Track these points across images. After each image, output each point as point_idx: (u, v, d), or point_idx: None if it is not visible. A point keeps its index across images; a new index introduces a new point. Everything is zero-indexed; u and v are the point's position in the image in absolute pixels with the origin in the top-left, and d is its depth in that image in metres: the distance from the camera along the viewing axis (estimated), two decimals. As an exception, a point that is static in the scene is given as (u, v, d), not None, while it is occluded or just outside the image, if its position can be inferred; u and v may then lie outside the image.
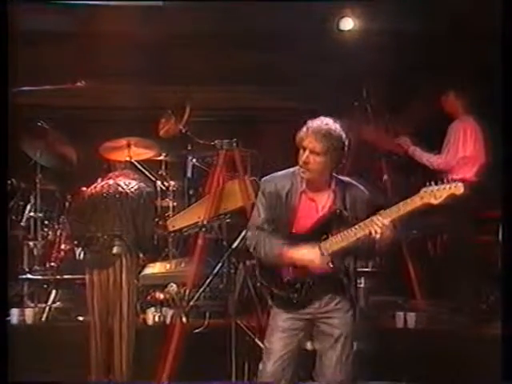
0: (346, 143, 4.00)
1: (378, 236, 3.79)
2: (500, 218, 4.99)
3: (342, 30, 6.90)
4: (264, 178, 4.18)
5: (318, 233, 3.96)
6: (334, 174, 4.06)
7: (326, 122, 3.98)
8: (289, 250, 3.96)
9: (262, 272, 4.14)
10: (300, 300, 4.02)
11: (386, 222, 3.78)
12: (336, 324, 4.05)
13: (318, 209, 4.03)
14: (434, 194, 3.70)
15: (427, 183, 3.75)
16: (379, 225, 3.78)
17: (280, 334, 4.06)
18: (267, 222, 4.08)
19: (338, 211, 3.98)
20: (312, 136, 3.94)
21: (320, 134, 3.93)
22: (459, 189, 3.68)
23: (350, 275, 4.07)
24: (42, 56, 6.77)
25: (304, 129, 3.98)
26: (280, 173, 4.15)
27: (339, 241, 3.90)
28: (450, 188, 3.69)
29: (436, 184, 3.73)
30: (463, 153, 6.15)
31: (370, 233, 3.80)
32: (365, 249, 3.96)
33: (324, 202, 4.03)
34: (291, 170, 4.11)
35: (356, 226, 3.86)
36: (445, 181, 3.73)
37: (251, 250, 4.13)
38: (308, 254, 3.93)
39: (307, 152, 3.95)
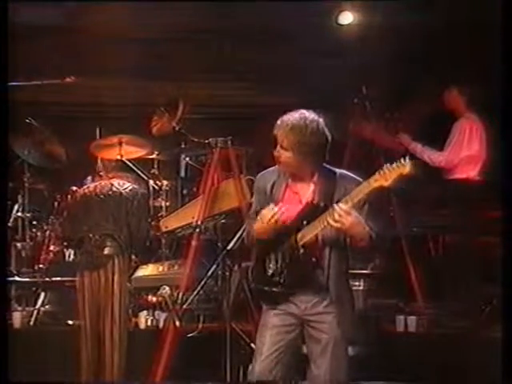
0: (327, 138, 3.90)
1: (338, 224, 3.69)
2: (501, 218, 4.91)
3: (341, 25, 6.85)
4: (259, 174, 4.16)
5: (299, 225, 3.90)
6: (324, 165, 3.96)
7: (297, 116, 3.88)
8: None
9: (251, 266, 4.11)
10: (281, 293, 3.94)
11: (345, 207, 3.68)
12: (324, 329, 3.93)
13: (301, 201, 3.96)
14: (385, 176, 3.58)
15: (384, 166, 3.62)
16: (338, 211, 3.68)
17: (269, 332, 3.97)
18: (257, 214, 4.04)
19: (317, 203, 3.88)
20: (280, 130, 3.87)
21: (287, 128, 3.85)
22: (405, 167, 3.52)
23: (335, 274, 3.93)
24: (29, 51, 6.65)
25: (278, 122, 3.91)
26: (272, 168, 4.09)
27: (309, 231, 3.84)
28: (398, 167, 3.54)
29: (390, 165, 3.59)
30: (468, 152, 6.15)
31: (333, 220, 3.71)
32: (336, 240, 3.88)
33: (307, 194, 3.96)
34: None
35: (322, 216, 3.78)
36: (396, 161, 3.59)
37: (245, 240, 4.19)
38: (263, 214, 3.87)
39: (278, 146, 3.89)
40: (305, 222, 3.88)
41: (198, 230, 5.68)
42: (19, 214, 6.62)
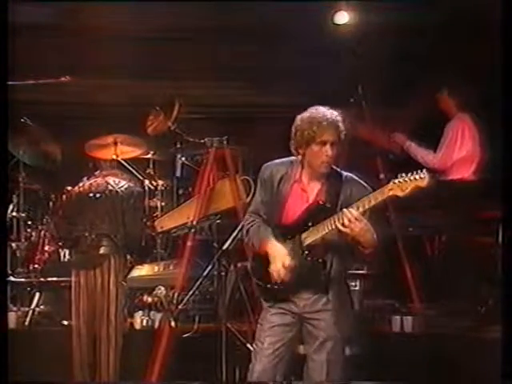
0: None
1: (347, 229, 3.70)
2: (499, 218, 4.91)
3: (337, 24, 6.81)
4: (265, 164, 4.10)
5: (304, 224, 3.90)
6: (332, 166, 3.97)
7: (326, 111, 3.89)
8: (269, 241, 3.92)
9: (251, 263, 4.14)
10: (281, 291, 3.94)
11: (355, 213, 3.69)
12: (322, 326, 3.96)
13: (308, 200, 3.95)
14: (401, 186, 3.62)
15: (398, 175, 3.67)
16: (348, 216, 3.69)
17: (268, 331, 3.99)
18: (263, 208, 4.06)
19: (324, 204, 3.89)
20: (330, 127, 3.83)
21: (326, 123, 3.83)
22: (424, 181, 3.59)
23: (336, 274, 3.96)
24: (24, 50, 6.61)
25: (315, 122, 3.84)
26: (279, 160, 4.07)
27: (314, 233, 3.84)
28: (415, 179, 3.60)
29: (406, 175, 3.65)
30: (461, 153, 6.16)
31: (342, 225, 3.72)
32: (340, 243, 3.88)
33: (315, 193, 3.96)
34: (290, 158, 4.02)
35: (329, 219, 3.79)
36: (413, 172, 3.65)
37: (244, 234, 4.14)
38: (279, 253, 3.88)
39: (328, 145, 3.84)
40: (310, 223, 3.88)
41: (193, 230, 5.67)
42: (14, 213, 6.58)
